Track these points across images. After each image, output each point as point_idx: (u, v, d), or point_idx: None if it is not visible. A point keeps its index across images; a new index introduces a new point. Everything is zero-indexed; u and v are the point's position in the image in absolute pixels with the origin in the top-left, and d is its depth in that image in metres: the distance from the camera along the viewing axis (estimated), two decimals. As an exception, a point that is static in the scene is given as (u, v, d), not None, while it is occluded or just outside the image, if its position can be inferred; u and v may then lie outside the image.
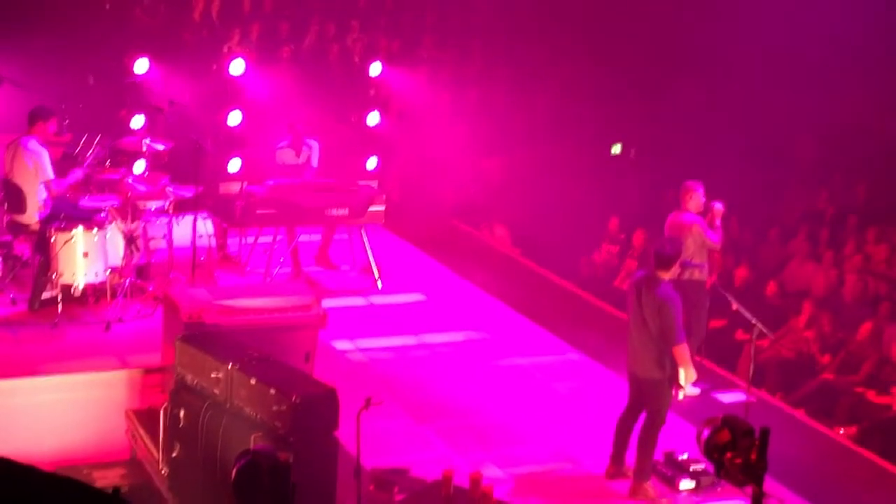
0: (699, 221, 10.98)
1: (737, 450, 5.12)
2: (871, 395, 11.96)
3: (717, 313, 12.51)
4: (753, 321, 9.73)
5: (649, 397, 9.10)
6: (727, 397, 10.92)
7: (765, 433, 5.06)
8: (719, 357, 12.17)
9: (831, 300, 13.43)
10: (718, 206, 11.15)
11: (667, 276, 9.02)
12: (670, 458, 9.42)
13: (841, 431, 11.35)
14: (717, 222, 11.11)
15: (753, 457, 5.08)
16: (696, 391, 10.59)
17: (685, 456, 9.36)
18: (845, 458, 10.39)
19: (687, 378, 9.08)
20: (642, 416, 9.17)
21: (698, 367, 10.55)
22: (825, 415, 11.80)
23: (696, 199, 11.04)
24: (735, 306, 10.02)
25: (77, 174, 11.49)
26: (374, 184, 13.76)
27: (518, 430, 10.07)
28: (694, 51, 19.13)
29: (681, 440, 9.52)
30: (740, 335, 12.91)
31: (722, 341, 12.82)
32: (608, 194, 17.07)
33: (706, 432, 5.23)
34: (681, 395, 9.93)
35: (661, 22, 19.21)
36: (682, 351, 8.94)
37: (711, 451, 5.20)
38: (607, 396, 10.65)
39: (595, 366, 11.41)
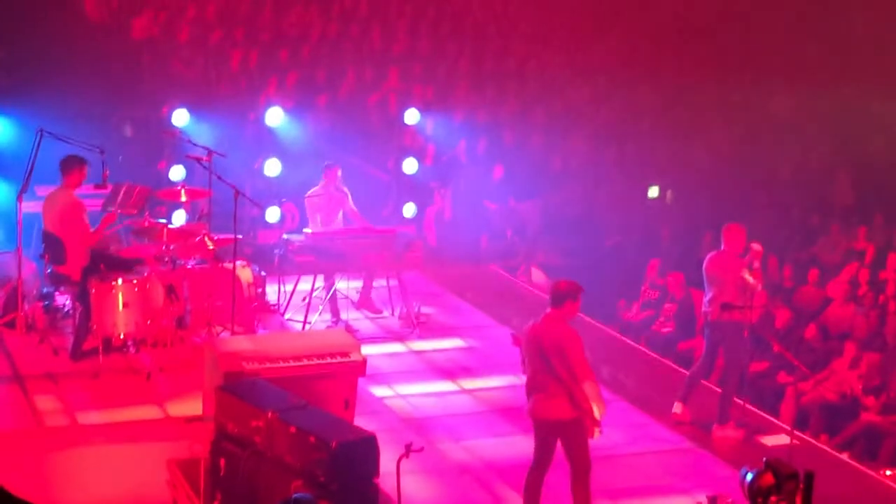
0: (739, 262, 10.93)
1: (781, 493, 5.07)
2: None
3: (760, 355, 12.39)
4: (796, 363, 9.64)
5: None
6: (770, 440, 10.80)
7: (809, 477, 5.02)
8: (762, 400, 12.06)
9: (874, 341, 13.29)
10: (757, 247, 11.08)
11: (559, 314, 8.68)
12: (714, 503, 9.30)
13: (887, 473, 11.19)
14: (756, 263, 11.04)
15: (798, 500, 5.03)
16: None
17: (729, 501, 9.24)
18: (892, 501, 10.24)
19: None
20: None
21: (741, 410, 10.44)
22: (870, 457, 11.65)
23: (736, 239, 10.99)
24: (777, 348, 9.94)
25: (110, 223, 11.59)
26: (412, 230, 13.79)
27: (559, 479, 9.97)
28: (728, 93, 19.14)
29: (724, 484, 9.41)
30: (783, 377, 12.79)
31: (764, 384, 12.70)
32: (646, 237, 17.02)
33: (750, 476, 5.18)
34: None
35: (695, 65, 19.24)
36: None
37: (755, 494, 5.15)
38: (647, 442, 10.56)
39: (636, 412, 11.31)
